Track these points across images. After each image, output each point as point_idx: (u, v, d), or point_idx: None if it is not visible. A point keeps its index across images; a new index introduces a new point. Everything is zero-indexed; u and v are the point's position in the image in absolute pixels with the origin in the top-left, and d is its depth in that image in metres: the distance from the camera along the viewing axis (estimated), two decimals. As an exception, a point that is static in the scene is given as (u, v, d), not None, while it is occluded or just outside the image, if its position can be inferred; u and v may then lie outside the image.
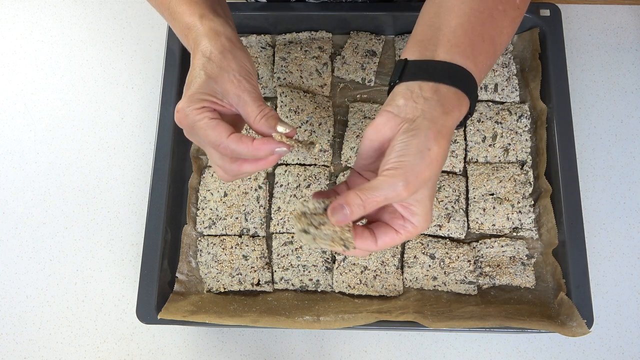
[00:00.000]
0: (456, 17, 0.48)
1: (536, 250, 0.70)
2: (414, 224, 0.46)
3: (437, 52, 0.46)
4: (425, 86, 0.45)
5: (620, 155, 0.76)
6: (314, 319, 0.64)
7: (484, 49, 0.48)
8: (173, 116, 0.72)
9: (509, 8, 0.50)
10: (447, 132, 0.44)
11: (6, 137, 0.80)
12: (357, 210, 0.44)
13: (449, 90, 0.45)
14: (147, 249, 0.68)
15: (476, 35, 0.47)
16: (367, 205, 0.43)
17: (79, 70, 0.83)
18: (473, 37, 0.47)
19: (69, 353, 0.71)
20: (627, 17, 0.82)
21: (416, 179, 0.43)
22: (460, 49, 0.47)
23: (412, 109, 0.44)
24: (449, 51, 0.46)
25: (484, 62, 0.48)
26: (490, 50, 0.49)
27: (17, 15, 0.86)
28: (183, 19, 0.52)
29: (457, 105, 0.45)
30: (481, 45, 0.48)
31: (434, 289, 0.69)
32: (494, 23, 0.49)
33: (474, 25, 0.47)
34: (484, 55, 0.48)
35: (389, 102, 0.46)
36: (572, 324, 0.62)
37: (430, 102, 0.44)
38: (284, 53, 0.77)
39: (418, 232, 0.46)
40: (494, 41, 0.49)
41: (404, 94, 0.45)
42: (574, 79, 0.79)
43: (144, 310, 0.66)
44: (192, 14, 0.52)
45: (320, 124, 0.74)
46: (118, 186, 0.78)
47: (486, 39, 0.48)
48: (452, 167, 0.73)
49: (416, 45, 0.48)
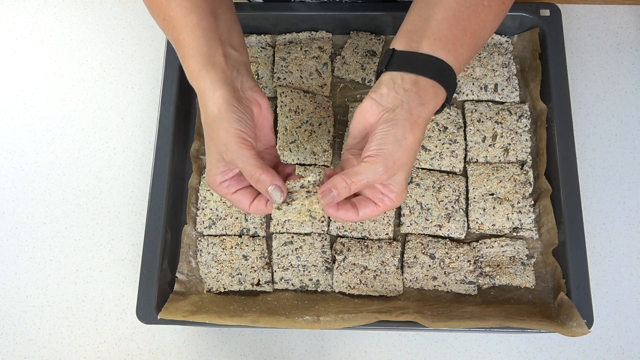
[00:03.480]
0: (443, 10, 0.52)
1: (536, 250, 0.70)
2: (391, 199, 0.53)
3: (422, 44, 0.52)
4: (406, 77, 0.51)
5: (620, 155, 0.76)
6: (314, 319, 0.64)
7: (465, 43, 0.53)
8: (173, 116, 0.72)
9: (494, 3, 0.54)
10: (422, 122, 0.51)
11: (6, 137, 0.80)
12: (343, 192, 0.51)
13: (427, 83, 0.51)
14: (147, 249, 0.68)
15: (459, 29, 0.52)
16: (352, 187, 0.51)
17: (79, 70, 0.83)
18: (456, 31, 0.52)
19: (69, 353, 0.71)
20: (627, 17, 0.82)
21: (394, 164, 0.50)
22: (443, 42, 0.52)
23: (393, 98, 0.51)
24: (432, 45, 0.51)
25: (464, 55, 0.54)
26: (472, 44, 0.54)
27: (17, 15, 0.86)
28: (187, 68, 0.53)
29: (434, 97, 0.51)
30: (463, 39, 0.53)
31: (434, 289, 0.69)
32: (477, 17, 0.53)
33: (458, 20, 0.52)
34: (464, 49, 0.53)
35: (374, 89, 0.52)
36: (572, 324, 0.62)
37: (409, 93, 0.50)
38: (284, 53, 0.77)
39: (395, 206, 0.53)
40: (476, 35, 0.54)
41: (387, 83, 0.51)
42: (574, 79, 0.79)
43: (144, 310, 0.66)
44: (190, 66, 0.53)
45: (320, 124, 0.74)
46: (118, 186, 0.78)
47: (468, 33, 0.53)
48: (452, 167, 0.73)
49: (404, 36, 0.54)
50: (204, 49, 0.52)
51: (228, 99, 0.51)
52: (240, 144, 0.51)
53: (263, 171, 0.51)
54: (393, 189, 0.52)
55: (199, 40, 0.52)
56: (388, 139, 0.50)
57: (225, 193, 0.54)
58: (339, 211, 0.53)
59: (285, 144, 0.73)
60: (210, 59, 0.52)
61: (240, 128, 0.51)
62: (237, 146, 0.51)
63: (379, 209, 0.53)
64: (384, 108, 0.51)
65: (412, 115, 0.50)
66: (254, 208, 0.55)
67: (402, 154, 0.50)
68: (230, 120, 0.51)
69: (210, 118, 0.51)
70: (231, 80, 0.52)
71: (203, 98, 0.52)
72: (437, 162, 0.73)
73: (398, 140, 0.49)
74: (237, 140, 0.51)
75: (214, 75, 0.51)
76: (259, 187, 0.52)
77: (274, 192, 0.52)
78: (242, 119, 0.51)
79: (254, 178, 0.51)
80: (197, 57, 0.52)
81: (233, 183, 0.54)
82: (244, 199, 0.54)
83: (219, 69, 0.52)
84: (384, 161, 0.49)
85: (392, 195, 0.53)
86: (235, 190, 0.55)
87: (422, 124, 0.51)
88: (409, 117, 0.50)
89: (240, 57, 0.55)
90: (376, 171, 0.50)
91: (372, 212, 0.53)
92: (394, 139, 0.49)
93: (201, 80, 0.52)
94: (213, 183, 0.54)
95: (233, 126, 0.50)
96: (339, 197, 0.51)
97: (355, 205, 0.53)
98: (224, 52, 0.53)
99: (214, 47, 0.52)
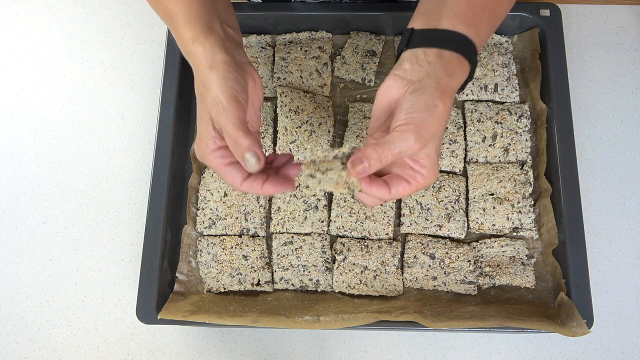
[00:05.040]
0: None
1: (536, 250, 0.70)
2: (423, 175, 0.50)
3: (441, 21, 0.50)
4: (429, 52, 0.49)
5: (620, 155, 0.76)
6: (314, 319, 0.64)
7: (484, 19, 0.52)
8: (173, 116, 0.72)
9: None
10: (450, 92, 0.48)
11: (6, 137, 0.80)
12: (375, 163, 0.47)
13: (451, 56, 0.49)
14: (147, 249, 0.68)
15: (478, 6, 0.51)
16: (383, 158, 0.47)
17: (79, 70, 0.83)
18: (475, 8, 0.51)
19: (69, 353, 0.71)
20: (627, 17, 0.82)
21: (426, 133, 0.47)
22: (462, 18, 0.50)
23: (418, 72, 0.48)
24: (452, 20, 0.50)
25: (484, 31, 0.52)
26: (490, 20, 0.53)
27: (17, 15, 0.86)
28: (182, 37, 0.51)
29: (459, 69, 0.49)
30: (482, 14, 0.51)
31: (434, 289, 0.69)
32: None
33: None
34: (484, 25, 0.52)
35: (396, 67, 0.50)
36: (572, 324, 0.62)
37: (435, 65, 0.48)
38: (284, 53, 0.77)
39: (427, 184, 0.50)
40: (493, 12, 0.53)
41: (410, 59, 0.49)
42: (574, 79, 0.79)
43: (144, 310, 0.66)
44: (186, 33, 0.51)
45: (320, 124, 0.74)
46: (118, 186, 0.78)
47: (486, 9, 0.52)
48: (452, 167, 0.73)
49: (421, 16, 0.52)
50: (203, 19, 0.51)
51: (228, 62, 0.49)
52: (231, 100, 0.48)
53: (244, 133, 0.48)
54: (424, 163, 0.49)
55: (198, 10, 0.51)
56: (418, 106, 0.47)
57: (218, 164, 0.50)
58: (372, 187, 0.49)
59: (285, 144, 0.73)
60: (209, 28, 0.50)
61: (234, 87, 0.48)
62: (227, 102, 0.48)
63: (411, 186, 0.50)
64: (408, 81, 0.48)
65: (440, 84, 0.47)
66: (247, 186, 0.50)
67: (433, 122, 0.47)
68: (227, 79, 0.48)
69: (207, 79, 0.49)
70: (230, 50, 0.51)
71: (200, 61, 0.49)
72: (437, 162, 0.73)
73: (428, 108, 0.47)
74: (228, 96, 0.48)
75: (213, 41, 0.50)
76: (236, 150, 0.48)
77: (251, 158, 0.48)
78: (238, 80, 0.49)
79: (233, 138, 0.48)
80: (195, 25, 0.50)
81: (227, 153, 0.50)
82: (237, 173, 0.50)
83: (218, 37, 0.50)
84: (416, 129, 0.46)
85: (424, 171, 0.49)
86: (229, 162, 0.50)
87: (451, 94, 0.48)
88: (437, 86, 0.47)
89: (236, 35, 0.53)
90: (408, 140, 0.46)
91: (405, 190, 0.50)
92: (424, 106, 0.47)
93: (199, 45, 0.49)
94: (205, 150, 0.50)
95: (228, 84, 0.48)
96: (370, 168, 0.48)
97: (388, 183, 0.50)
98: (222, 27, 0.52)
99: (213, 19, 0.51)
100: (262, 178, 0.50)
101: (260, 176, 0.50)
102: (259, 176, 0.50)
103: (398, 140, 0.47)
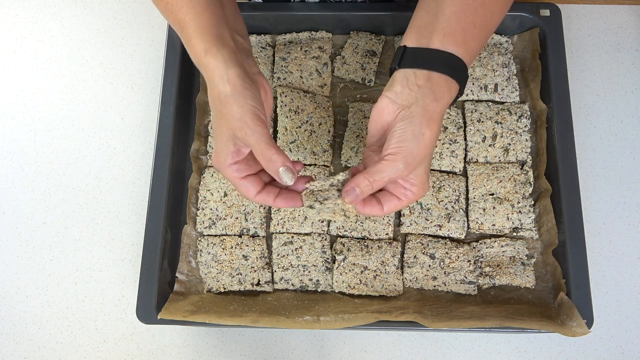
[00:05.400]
0: (451, 4, 0.53)
1: (536, 250, 0.70)
2: (413, 192, 0.54)
3: (432, 40, 0.53)
4: (419, 74, 0.52)
5: (620, 155, 0.76)
6: (314, 319, 0.64)
7: (475, 35, 0.54)
8: (173, 116, 0.72)
9: None
10: (437, 117, 0.52)
11: (6, 137, 0.80)
12: (366, 190, 0.53)
13: (440, 78, 0.52)
14: (147, 249, 0.68)
15: (468, 23, 0.53)
16: (374, 185, 0.52)
17: (79, 70, 0.83)
18: (465, 25, 0.53)
19: (69, 353, 0.71)
20: (627, 17, 0.82)
21: (414, 160, 0.51)
22: (453, 37, 0.53)
23: (407, 96, 0.52)
24: (442, 40, 0.53)
25: (475, 47, 0.55)
26: (481, 35, 0.55)
27: (17, 15, 0.86)
28: (194, 48, 0.52)
29: (447, 90, 0.53)
30: (472, 31, 0.54)
31: (434, 289, 0.69)
32: (485, 9, 0.54)
33: (466, 14, 0.53)
34: (474, 41, 0.54)
35: (388, 87, 0.54)
36: (572, 324, 0.62)
37: (423, 89, 0.52)
38: (284, 53, 0.77)
39: (417, 199, 0.55)
40: (485, 26, 0.55)
41: (401, 81, 0.53)
42: (574, 79, 0.79)
43: (144, 310, 0.66)
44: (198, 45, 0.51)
45: (320, 124, 0.74)
46: (118, 186, 0.78)
47: (477, 26, 0.54)
48: (452, 167, 0.73)
49: (414, 32, 0.55)
50: (214, 30, 0.51)
51: (242, 77, 0.50)
52: (256, 120, 0.50)
53: (276, 151, 0.51)
54: (414, 182, 0.54)
55: (209, 21, 0.52)
56: (406, 136, 0.51)
57: (234, 177, 0.53)
58: (365, 207, 0.54)
59: (285, 144, 0.73)
60: (220, 39, 0.51)
61: (255, 105, 0.50)
62: (252, 122, 0.50)
63: (402, 202, 0.55)
64: (399, 106, 0.52)
65: (428, 111, 0.51)
66: (260, 198, 0.54)
67: (420, 150, 0.51)
68: (246, 97, 0.50)
69: (223, 94, 0.50)
70: (241, 61, 0.52)
71: (214, 74, 0.51)
72: (437, 162, 0.73)
73: (416, 137, 0.51)
74: (252, 116, 0.50)
75: (225, 53, 0.51)
76: (269, 167, 0.51)
77: (285, 173, 0.51)
78: (256, 97, 0.51)
79: (266, 157, 0.51)
80: (207, 36, 0.51)
81: (243, 167, 0.54)
82: (252, 186, 0.54)
83: (230, 49, 0.51)
84: (404, 158, 0.51)
85: (414, 189, 0.54)
86: (245, 176, 0.54)
87: (438, 118, 0.52)
88: (425, 114, 0.51)
89: (245, 43, 0.55)
90: (397, 168, 0.51)
91: (397, 206, 0.55)
92: (412, 135, 0.51)
93: (212, 58, 0.50)
94: (222, 164, 0.53)
95: (248, 102, 0.50)
96: (362, 195, 0.53)
97: (380, 201, 0.55)
98: (232, 36, 0.53)
99: (223, 29, 0.52)
100: (275, 192, 0.55)
101: (272, 190, 0.55)
102: (271, 190, 0.55)
103: (388, 169, 0.51)
